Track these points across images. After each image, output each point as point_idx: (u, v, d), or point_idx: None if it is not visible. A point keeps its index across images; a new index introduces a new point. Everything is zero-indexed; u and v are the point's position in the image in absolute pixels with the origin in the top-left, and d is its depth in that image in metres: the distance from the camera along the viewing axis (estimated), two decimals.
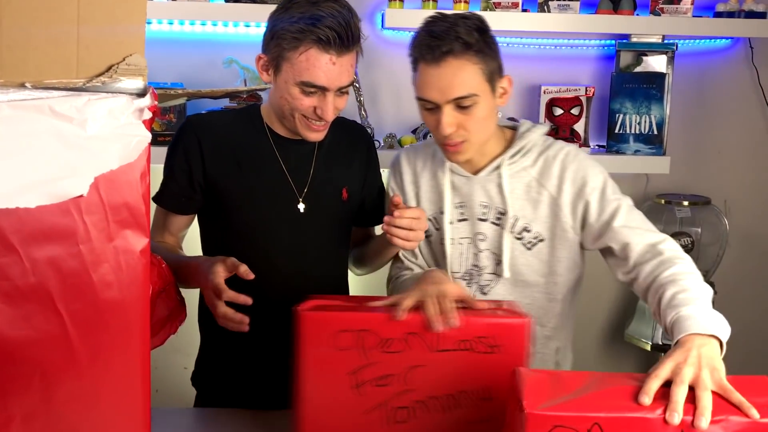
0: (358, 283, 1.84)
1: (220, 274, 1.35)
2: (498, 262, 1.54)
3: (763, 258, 2.68)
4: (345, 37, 1.41)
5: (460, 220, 1.57)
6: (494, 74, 1.45)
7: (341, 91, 1.47)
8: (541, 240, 1.53)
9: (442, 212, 1.57)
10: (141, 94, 1.02)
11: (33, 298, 0.99)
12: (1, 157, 0.91)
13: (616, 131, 2.41)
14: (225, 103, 2.22)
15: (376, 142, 2.32)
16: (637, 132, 2.40)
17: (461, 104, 1.42)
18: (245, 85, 2.18)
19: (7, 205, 0.90)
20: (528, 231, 1.53)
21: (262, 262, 1.53)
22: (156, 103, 1.03)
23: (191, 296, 1.52)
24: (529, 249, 1.53)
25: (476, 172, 1.56)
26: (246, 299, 1.35)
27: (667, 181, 2.53)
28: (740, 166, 2.61)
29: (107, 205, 1.02)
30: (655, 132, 2.39)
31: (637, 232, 1.45)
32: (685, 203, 2.42)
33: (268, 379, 1.57)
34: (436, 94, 1.43)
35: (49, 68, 0.97)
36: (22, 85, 0.94)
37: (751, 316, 2.65)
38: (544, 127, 1.60)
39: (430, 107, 1.45)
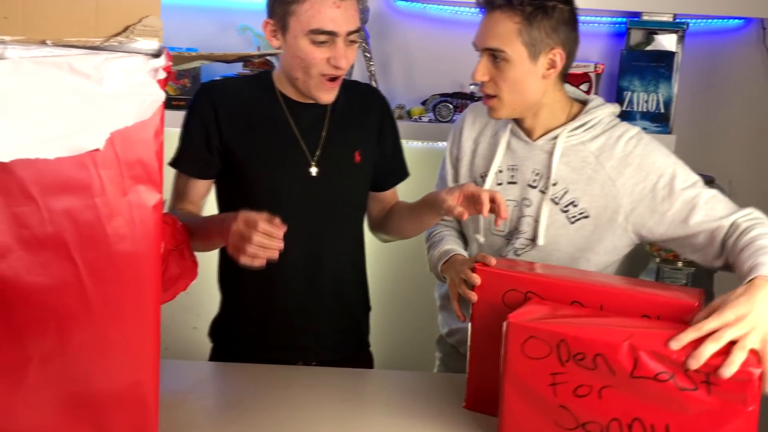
0: (378, 247, 1.88)
1: (252, 213, 1.36)
2: (537, 230, 1.55)
3: None
4: None
5: (510, 182, 1.59)
6: (539, 44, 1.46)
7: (350, 40, 1.49)
8: (586, 216, 1.52)
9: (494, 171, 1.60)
10: (156, 55, 1.06)
11: (50, 246, 1.03)
12: (22, 110, 0.95)
13: (624, 108, 2.42)
14: (238, 68, 2.26)
15: None
16: (645, 110, 2.41)
17: (495, 55, 1.48)
18: (259, 51, 2.22)
19: (28, 156, 0.94)
20: (575, 205, 1.53)
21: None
22: (170, 64, 1.07)
23: (208, 259, 1.57)
24: (572, 223, 1.54)
25: (536, 140, 1.58)
26: (278, 220, 1.35)
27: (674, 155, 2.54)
28: (746, 146, 2.62)
29: (122, 160, 1.06)
30: (662, 110, 2.40)
31: (716, 217, 1.43)
32: None
33: (283, 337, 1.64)
34: (477, 40, 1.50)
35: (68, 27, 1.01)
36: (43, 43, 0.98)
37: None
38: (614, 107, 1.59)
39: (477, 52, 1.52)
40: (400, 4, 2.43)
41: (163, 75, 1.06)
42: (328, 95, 1.54)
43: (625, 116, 2.42)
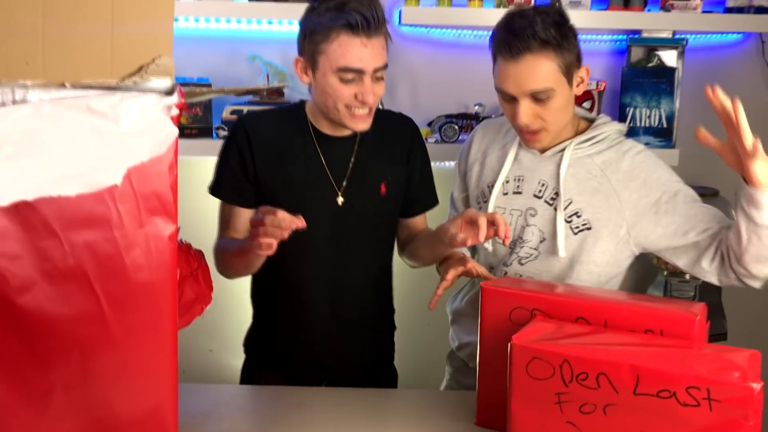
0: (405, 273, 1.93)
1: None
2: (542, 240, 1.60)
3: None
4: (372, 19, 1.49)
5: (515, 192, 1.64)
6: (571, 66, 1.51)
7: (377, 77, 1.54)
8: (588, 228, 1.57)
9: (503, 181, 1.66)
10: (169, 92, 1.10)
11: (72, 278, 1.07)
12: (44, 150, 1.00)
13: (627, 124, 2.45)
14: (248, 98, 2.31)
15: None
16: (647, 125, 2.44)
17: (538, 97, 1.50)
18: (268, 80, 2.27)
19: (50, 194, 0.98)
20: (578, 216, 1.58)
21: (306, 253, 1.63)
22: (183, 100, 1.12)
23: (223, 282, 1.60)
24: (575, 234, 1.59)
25: (543, 152, 1.63)
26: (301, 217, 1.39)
27: (676, 173, 2.56)
28: None
29: (138, 194, 1.10)
30: (665, 125, 2.43)
31: (715, 226, 1.51)
32: None
33: (308, 357, 1.70)
34: (514, 88, 1.51)
35: (85, 69, 1.05)
36: (62, 85, 1.03)
37: (757, 305, 2.67)
38: (621, 125, 1.64)
39: (508, 98, 1.53)
40: (405, 29, 2.48)
41: (176, 112, 1.10)
42: (361, 124, 1.58)
43: (629, 132, 2.42)
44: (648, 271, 2.53)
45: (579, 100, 2.44)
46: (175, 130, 1.10)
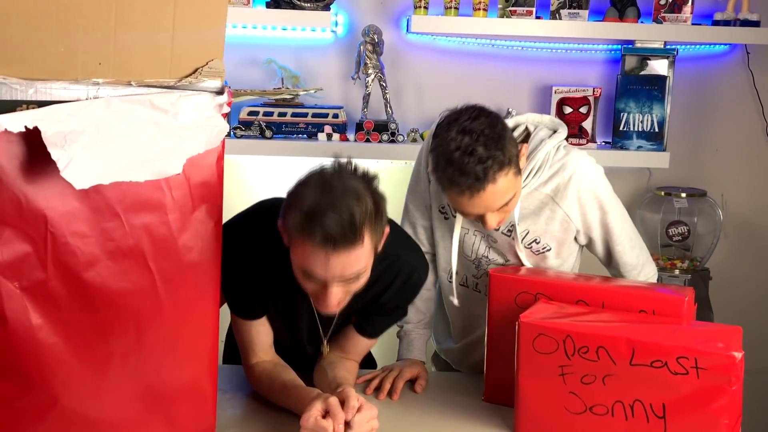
0: None
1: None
2: (506, 261, 1.68)
3: (756, 246, 2.84)
4: (340, 234, 1.27)
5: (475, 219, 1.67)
6: (517, 161, 1.49)
7: (349, 280, 1.35)
8: (548, 249, 1.66)
9: None
10: (220, 92, 1.23)
11: (131, 256, 1.17)
12: (115, 140, 1.11)
13: (621, 129, 2.59)
14: (264, 100, 2.43)
15: (399, 137, 2.54)
16: (640, 130, 2.57)
17: (504, 203, 1.51)
18: (282, 82, 2.39)
19: (123, 179, 1.09)
20: (537, 242, 1.66)
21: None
22: (231, 100, 1.25)
23: None
24: (536, 254, 1.67)
25: None
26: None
27: (667, 175, 2.68)
28: (736, 162, 2.76)
29: (191, 182, 1.21)
30: (657, 130, 2.57)
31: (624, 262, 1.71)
32: (683, 195, 2.59)
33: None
34: (483, 211, 1.50)
35: (149, 70, 1.17)
36: (129, 83, 1.15)
37: (742, 299, 2.80)
38: (556, 138, 1.63)
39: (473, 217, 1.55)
40: (411, 36, 2.60)
41: (226, 109, 1.23)
42: (326, 310, 1.41)
43: (623, 136, 2.60)
44: None
45: (576, 105, 2.58)
46: (226, 126, 1.23)
